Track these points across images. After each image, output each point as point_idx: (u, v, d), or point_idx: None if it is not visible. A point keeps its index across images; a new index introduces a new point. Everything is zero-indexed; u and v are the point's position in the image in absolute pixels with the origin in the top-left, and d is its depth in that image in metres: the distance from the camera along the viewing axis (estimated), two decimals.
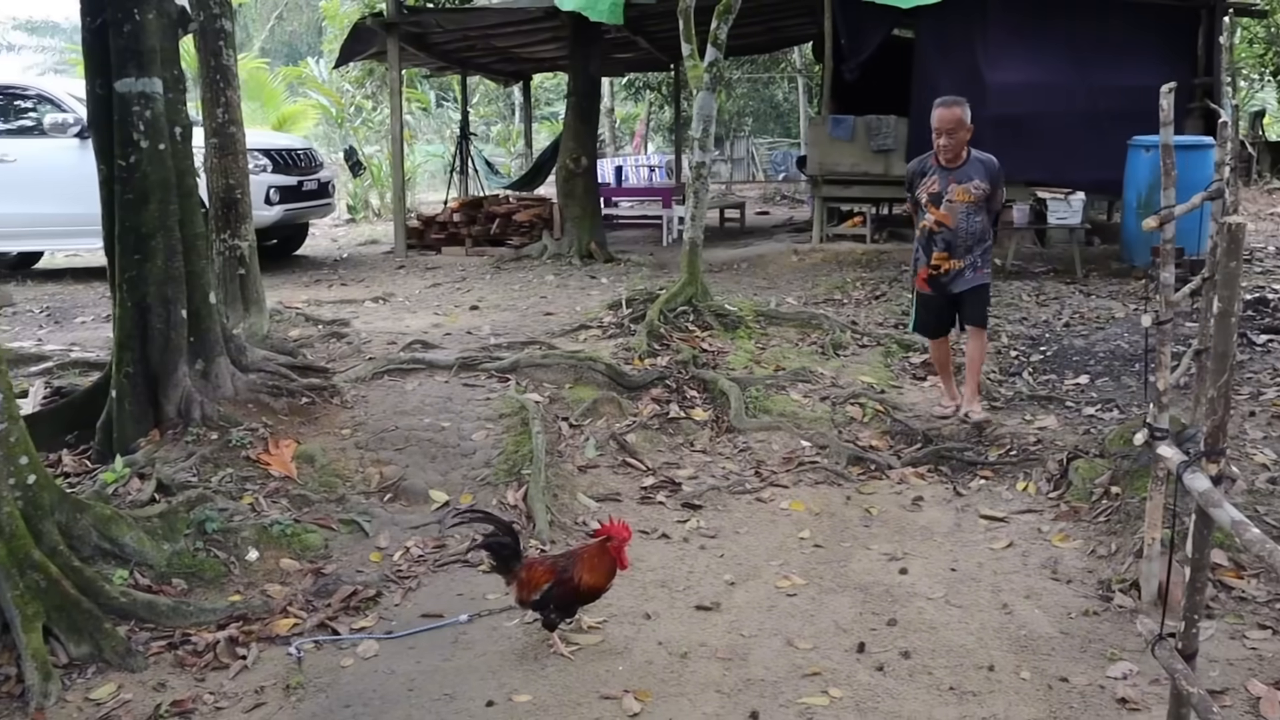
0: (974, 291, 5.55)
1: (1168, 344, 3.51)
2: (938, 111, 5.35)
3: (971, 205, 5.41)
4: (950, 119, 5.31)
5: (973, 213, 5.42)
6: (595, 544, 3.53)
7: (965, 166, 5.42)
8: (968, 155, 5.42)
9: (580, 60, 12.06)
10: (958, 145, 5.38)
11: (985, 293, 5.64)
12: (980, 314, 5.63)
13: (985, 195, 5.42)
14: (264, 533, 4.13)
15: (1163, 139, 3.48)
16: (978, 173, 5.41)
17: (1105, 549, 4.12)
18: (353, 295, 9.53)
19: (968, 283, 5.53)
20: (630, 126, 29.93)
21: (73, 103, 10.06)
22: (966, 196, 5.40)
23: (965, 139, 5.37)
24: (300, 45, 32.51)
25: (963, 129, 5.33)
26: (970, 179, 5.41)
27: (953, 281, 5.54)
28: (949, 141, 5.35)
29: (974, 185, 5.40)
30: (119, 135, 4.59)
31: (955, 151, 5.38)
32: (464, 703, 3.16)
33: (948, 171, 5.43)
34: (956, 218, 5.43)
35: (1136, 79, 9.63)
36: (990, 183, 5.42)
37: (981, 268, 5.55)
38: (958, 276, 5.52)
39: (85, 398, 5.10)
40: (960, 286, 5.54)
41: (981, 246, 5.52)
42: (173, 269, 4.71)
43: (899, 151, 11.32)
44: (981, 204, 5.43)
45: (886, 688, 3.22)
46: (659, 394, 5.96)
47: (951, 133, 5.34)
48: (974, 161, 5.44)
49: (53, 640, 3.30)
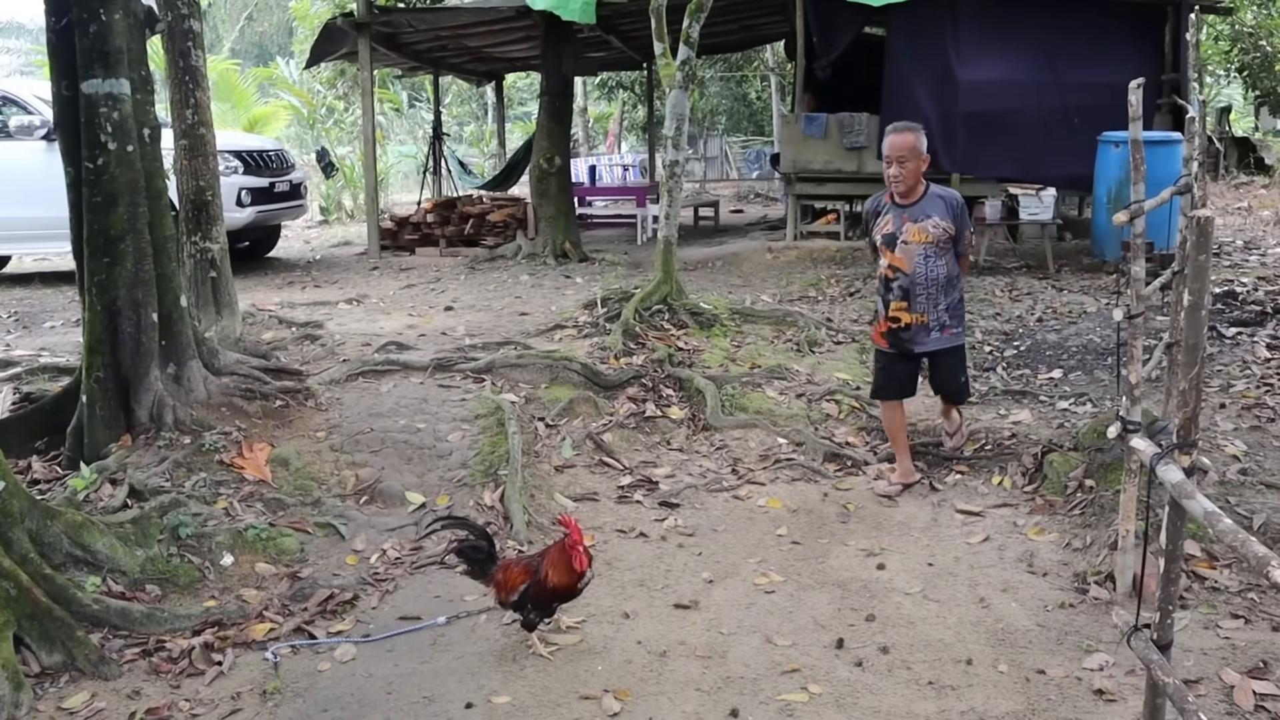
0: (945, 357, 4.89)
1: (1139, 337, 3.54)
2: (888, 138, 4.72)
3: (930, 247, 4.71)
4: (902, 146, 4.67)
5: (933, 256, 4.71)
6: (558, 543, 3.51)
7: (921, 202, 4.74)
8: (925, 190, 4.76)
9: (553, 59, 12.03)
10: (910, 176, 4.70)
11: (959, 359, 4.97)
12: (957, 386, 5.00)
13: (947, 236, 4.71)
14: (239, 537, 4.10)
15: (1132, 134, 3.51)
16: (936, 209, 4.72)
17: (1080, 542, 4.16)
18: (326, 297, 9.47)
19: (935, 343, 4.83)
20: (604, 126, 29.89)
21: (39, 105, 9.94)
22: (924, 237, 4.71)
23: (919, 169, 4.71)
24: (271, 46, 32.29)
25: (916, 158, 4.67)
26: (927, 216, 4.72)
27: (914, 339, 4.81)
28: (899, 171, 4.68)
29: (932, 224, 4.70)
30: (86, 137, 4.54)
31: (908, 184, 4.71)
32: (443, 705, 3.14)
33: (902, 209, 4.76)
34: (913, 262, 4.73)
35: (1105, 76, 9.72)
36: (954, 221, 4.72)
37: (951, 326, 4.82)
38: (920, 333, 4.80)
39: (55, 403, 5.04)
40: (924, 346, 4.84)
41: (948, 298, 4.78)
42: (143, 272, 4.66)
43: (871, 149, 11.36)
44: (945, 246, 4.73)
45: (865, 683, 3.23)
46: (635, 393, 5.96)
47: (902, 161, 4.67)
48: (932, 197, 4.75)
49: (24, 649, 3.26)
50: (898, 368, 4.94)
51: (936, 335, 4.79)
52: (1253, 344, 6.40)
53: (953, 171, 10.89)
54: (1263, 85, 21.08)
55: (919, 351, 4.86)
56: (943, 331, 4.80)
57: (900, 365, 4.94)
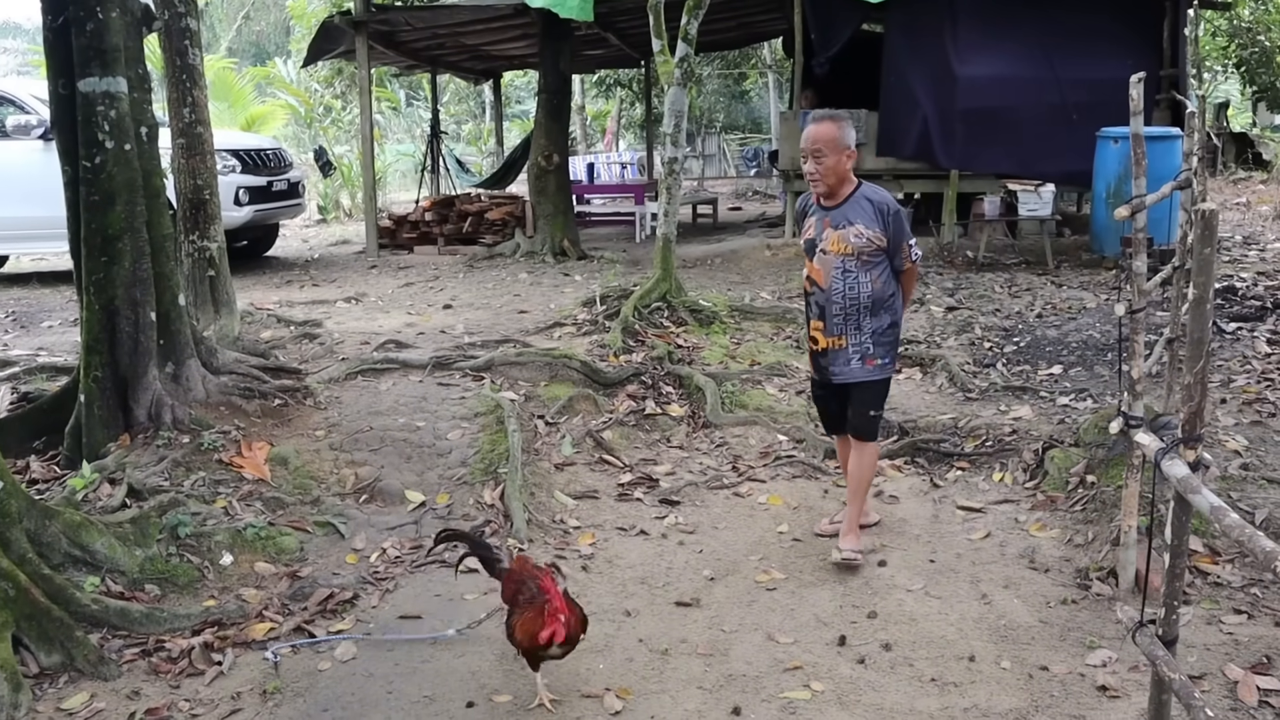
0: (859, 389, 4.09)
1: (1141, 332, 3.53)
2: (805, 129, 4.00)
3: (851, 260, 3.95)
4: (818, 138, 3.92)
5: (853, 271, 3.95)
6: (538, 606, 2.99)
7: (845, 206, 3.98)
8: (853, 191, 4.00)
9: (550, 57, 12.01)
10: (830, 174, 3.94)
11: (876, 394, 4.12)
12: (864, 421, 4.11)
13: (875, 247, 3.94)
14: (238, 536, 4.09)
15: (1133, 128, 3.50)
16: (861, 215, 3.94)
17: (1082, 537, 4.15)
18: (325, 296, 9.46)
19: (852, 374, 4.06)
20: (601, 124, 29.86)
21: (36, 104, 9.91)
22: (843, 247, 3.95)
23: (843, 168, 3.96)
24: (268, 45, 32.26)
25: (837, 152, 3.92)
26: (849, 223, 3.95)
27: (832, 365, 4.09)
28: (816, 169, 3.94)
29: (854, 232, 3.93)
30: (83, 136, 4.52)
31: (828, 183, 3.97)
32: (444, 704, 3.13)
33: (826, 211, 4.04)
34: (829, 275, 3.99)
35: (1104, 72, 9.72)
36: (884, 230, 3.94)
37: (874, 356, 4.03)
38: (838, 360, 4.07)
39: (53, 403, 5.02)
40: (842, 376, 4.08)
41: (874, 322, 4.00)
42: (140, 271, 4.64)
43: (870, 145, 11.35)
44: (871, 260, 3.95)
45: (868, 680, 3.22)
46: (635, 390, 5.95)
47: (819, 156, 3.92)
48: (857, 200, 3.98)
49: (22, 650, 3.24)
50: (825, 394, 4.30)
51: (857, 365, 4.04)
52: (1253, 339, 6.39)
53: (951, 168, 10.89)
54: (1260, 80, 21.09)
55: (836, 382, 4.12)
56: (865, 361, 4.03)
57: (825, 395, 4.30)
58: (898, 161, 11.33)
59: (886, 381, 4.16)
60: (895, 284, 4.06)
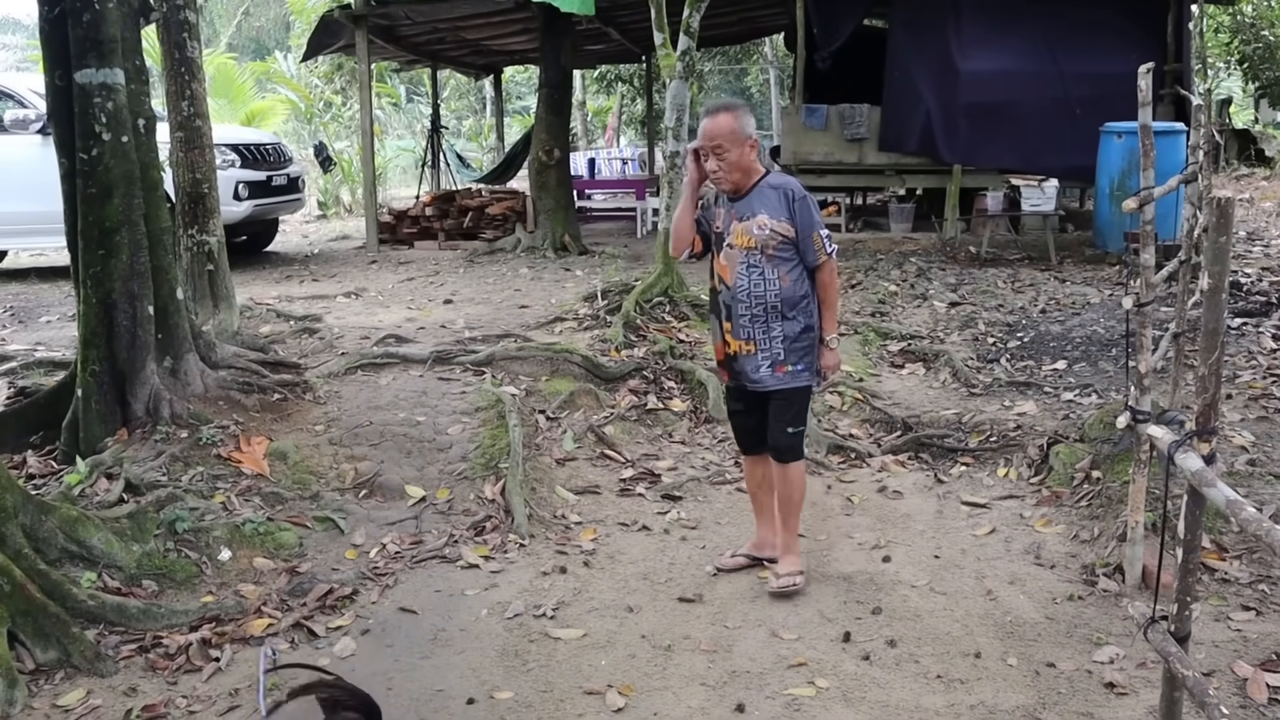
0: (775, 400, 3.73)
1: (1148, 326, 3.49)
2: (701, 123, 3.67)
3: (755, 254, 3.63)
4: (717, 131, 3.59)
5: (759, 266, 3.63)
6: None
7: (749, 196, 3.67)
8: (757, 180, 3.68)
9: (551, 52, 11.95)
10: (734, 169, 3.62)
11: (794, 406, 3.74)
12: (783, 438, 3.75)
13: (781, 239, 3.61)
14: (236, 532, 4.05)
15: (1141, 119, 3.46)
16: (766, 205, 3.62)
17: (1088, 533, 4.11)
18: (325, 291, 9.41)
19: (763, 382, 3.70)
20: (602, 120, 29.80)
21: (34, 99, 9.85)
22: (747, 241, 3.63)
23: (747, 160, 3.63)
24: (268, 41, 32.17)
25: (739, 144, 3.59)
26: (753, 214, 3.63)
27: (744, 371, 3.75)
28: (719, 166, 3.62)
29: (757, 224, 3.61)
30: (80, 128, 4.48)
31: (734, 180, 3.65)
32: (444, 700, 3.09)
33: (731, 204, 3.72)
34: (734, 272, 3.69)
35: (1108, 66, 9.68)
36: (790, 219, 3.61)
37: (785, 363, 3.67)
38: (748, 365, 3.72)
39: (50, 397, 4.98)
40: (756, 384, 3.73)
41: (785, 325, 3.65)
42: (138, 264, 4.60)
43: (872, 140, 11.34)
44: (779, 254, 3.62)
45: (873, 677, 3.18)
46: (636, 385, 5.91)
47: (720, 152, 3.59)
48: (763, 190, 3.65)
49: (18, 646, 3.21)
50: (739, 412, 3.95)
51: (767, 371, 3.69)
52: (1258, 335, 6.35)
53: (954, 163, 10.85)
54: (1264, 77, 21.01)
55: (751, 389, 3.77)
56: (775, 369, 3.68)
57: (738, 406, 3.94)
58: (900, 156, 11.30)
59: (804, 392, 3.77)
60: (809, 284, 3.70)
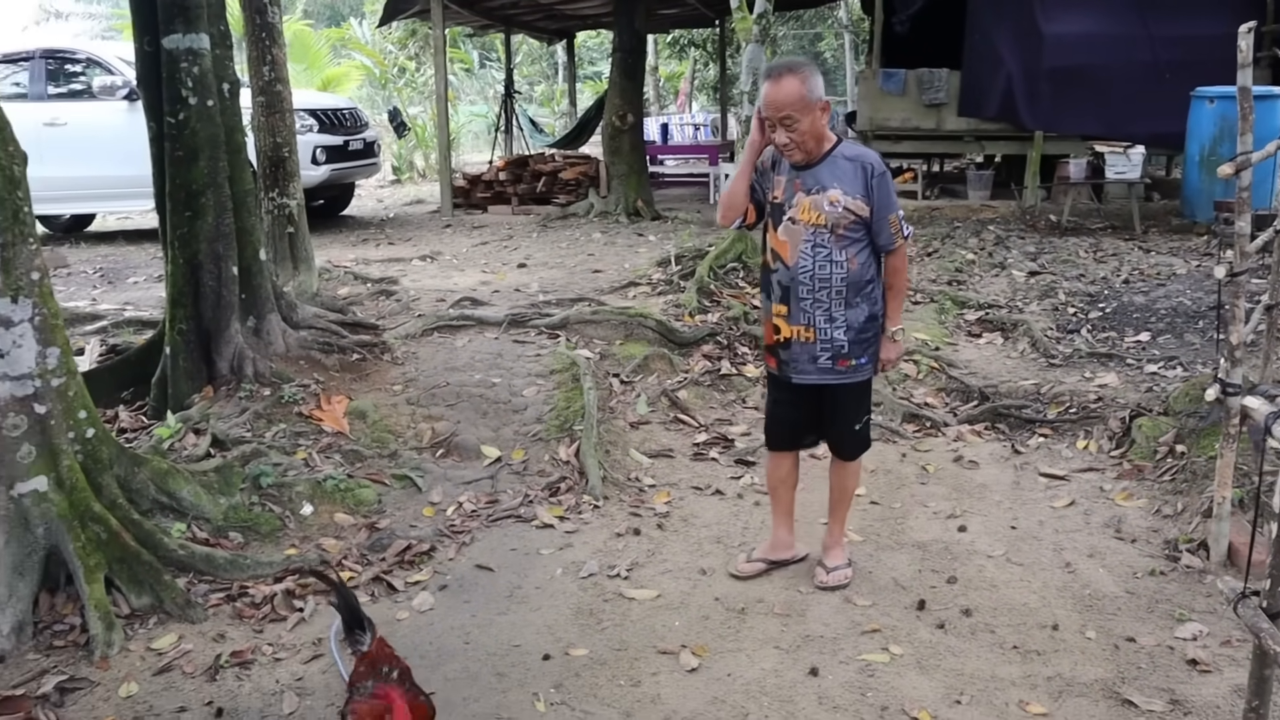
0: (835, 397, 3.42)
1: (1241, 297, 3.39)
2: (764, 90, 3.20)
3: (823, 232, 3.24)
4: (784, 101, 3.15)
5: (825, 246, 3.25)
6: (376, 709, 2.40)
7: (820, 166, 3.25)
8: (831, 148, 3.27)
9: (625, 16, 11.90)
10: (808, 139, 3.21)
11: (859, 399, 3.47)
12: (850, 436, 3.49)
13: (854, 219, 3.23)
14: (318, 487, 4.15)
15: (1240, 81, 3.34)
16: (841, 178, 3.23)
17: (1171, 508, 4.02)
18: (400, 254, 9.53)
19: (821, 376, 3.36)
20: (674, 85, 29.62)
21: (121, 66, 10.09)
22: (815, 217, 3.24)
23: (820, 128, 3.21)
24: (343, 7, 32.47)
25: (810, 111, 3.16)
26: (823, 188, 3.24)
27: (794, 362, 3.38)
28: (790, 140, 3.20)
29: (828, 199, 3.22)
30: (168, 92, 4.58)
31: (807, 151, 3.24)
32: (520, 656, 3.15)
33: (796, 172, 3.29)
34: (796, 250, 3.28)
35: (1200, 28, 9.34)
36: (865, 197, 3.23)
37: (849, 355, 3.33)
38: (802, 356, 3.35)
39: (140, 355, 5.13)
40: (805, 376, 3.38)
41: (849, 313, 3.30)
42: (223, 226, 4.71)
43: (951, 105, 11.11)
44: (849, 234, 3.24)
45: (948, 645, 3.16)
46: (710, 350, 5.91)
47: (790, 123, 3.17)
48: (835, 160, 3.25)
49: (114, 591, 3.34)
50: (783, 398, 3.53)
51: (826, 364, 3.34)
52: None
53: (1036, 129, 10.58)
54: None
55: (797, 382, 3.40)
56: (836, 361, 3.33)
57: (782, 397, 3.53)
58: (980, 122, 11.06)
59: (867, 385, 3.47)
60: (876, 268, 3.35)
